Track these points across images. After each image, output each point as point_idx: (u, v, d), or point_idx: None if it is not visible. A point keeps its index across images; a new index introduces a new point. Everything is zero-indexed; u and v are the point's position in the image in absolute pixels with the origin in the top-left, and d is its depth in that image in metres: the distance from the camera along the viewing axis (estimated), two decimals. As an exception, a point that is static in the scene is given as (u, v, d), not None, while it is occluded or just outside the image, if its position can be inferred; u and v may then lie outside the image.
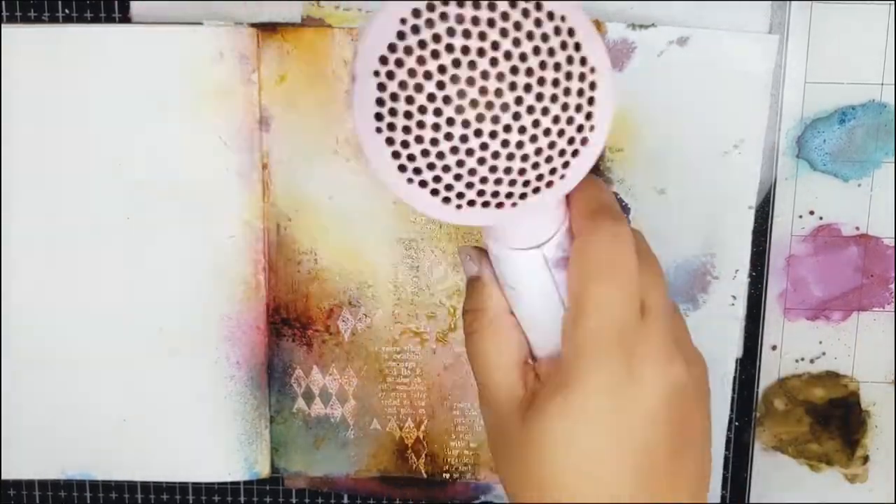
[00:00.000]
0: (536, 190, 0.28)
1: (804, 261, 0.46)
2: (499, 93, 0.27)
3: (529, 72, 0.26)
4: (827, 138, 0.45)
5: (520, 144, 0.27)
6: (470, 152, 0.27)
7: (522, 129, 0.27)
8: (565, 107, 0.27)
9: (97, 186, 0.45)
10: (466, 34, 0.26)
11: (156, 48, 0.43)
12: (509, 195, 0.28)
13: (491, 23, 0.26)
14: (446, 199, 0.28)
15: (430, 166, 0.27)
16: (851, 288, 0.46)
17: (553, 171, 0.28)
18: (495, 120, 0.27)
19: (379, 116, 0.27)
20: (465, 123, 0.27)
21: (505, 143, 0.27)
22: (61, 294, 0.46)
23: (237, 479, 0.48)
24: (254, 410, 0.47)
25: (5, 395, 0.47)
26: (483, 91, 0.26)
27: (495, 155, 0.27)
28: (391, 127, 0.27)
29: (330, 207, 0.45)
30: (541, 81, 0.27)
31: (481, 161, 0.27)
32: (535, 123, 0.27)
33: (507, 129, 0.27)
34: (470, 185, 0.28)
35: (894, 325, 0.47)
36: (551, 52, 0.26)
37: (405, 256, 0.45)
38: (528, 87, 0.27)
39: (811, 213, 0.46)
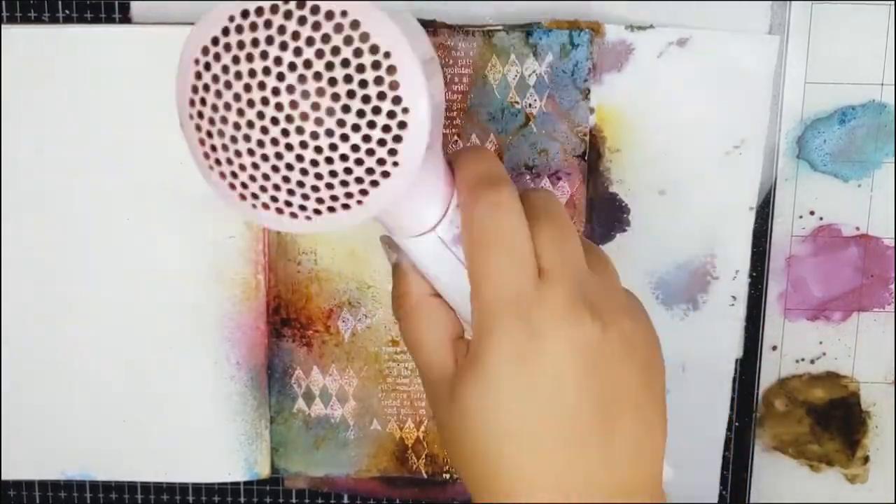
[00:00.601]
0: (364, 192, 0.29)
1: (804, 261, 0.46)
2: (294, 105, 0.27)
3: (317, 76, 0.27)
4: (827, 138, 0.45)
5: (318, 150, 0.28)
6: (265, 157, 0.28)
7: (324, 133, 0.27)
8: (366, 99, 0.27)
9: (97, 187, 0.45)
10: (283, 46, 0.27)
11: (156, 48, 0.43)
12: (319, 201, 0.29)
13: (306, 40, 0.26)
14: (254, 206, 0.29)
15: (231, 165, 0.29)
16: (851, 288, 0.46)
17: (371, 171, 0.28)
18: (300, 131, 0.27)
19: (192, 103, 0.28)
20: (264, 130, 0.27)
21: (300, 158, 0.28)
22: (61, 294, 0.46)
23: (237, 480, 0.48)
24: (254, 411, 0.47)
25: (5, 395, 0.47)
26: (279, 106, 0.27)
27: (290, 167, 0.28)
28: (200, 115, 0.28)
29: (330, 208, 0.45)
30: (350, 93, 0.27)
31: (275, 169, 0.28)
32: (340, 135, 0.27)
33: (303, 144, 0.28)
34: (275, 195, 0.29)
35: (894, 326, 0.47)
36: (360, 68, 0.27)
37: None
38: (320, 92, 0.27)
39: (811, 213, 0.46)
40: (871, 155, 0.45)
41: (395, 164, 0.28)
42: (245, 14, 0.27)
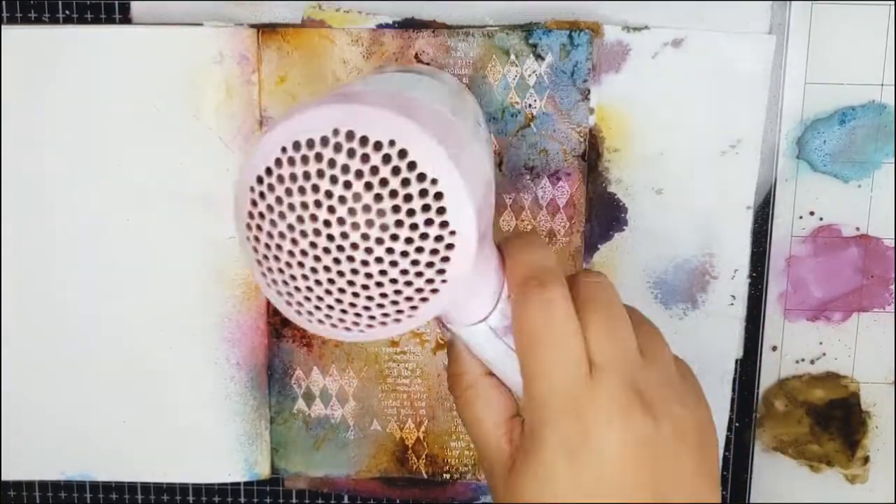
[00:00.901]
0: (414, 307, 0.29)
1: (804, 261, 0.46)
2: (344, 235, 0.27)
3: (366, 208, 0.27)
4: (827, 139, 0.45)
5: (368, 276, 0.28)
6: (318, 282, 0.28)
7: (374, 261, 0.28)
8: (413, 227, 0.27)
9: (97, 187, 0.45)
10: (333, 179, 0.27)
11: (156, 49, 0.43)
12: (371, 318, 0.29)
13: (355, 173, 0.27)
14: (309, 321, 0.30)
15: (287, 286, 0.29)
16: (852, 288, 0.46)
17: (420, 290, 0.29)
18: (351, 259, 0.28)
19: (249, 227, 0.28)
20: (317, 258, 0.28)
21: (351, 283, 0.28)
22: (61, 295, 0.46)
23: (237, 480, 0.48)
24: (254, 411, 0.47)
25: (5, 395, 0.47)
26: (330, 237, 0.27)
27: (342, 290, 0.28)
28: (257, 239, 0.28)
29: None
30: (398, 223, 0.27)
31: (328, 292, 0.29)
32: (389, 262, 0.28)
33: (354, 272, 0.28)
34: (329, 313, 0.29)
35: (894, 326, 0.46)
36: (407, 197, 0.27)
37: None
38: (369, 223, 0.27)
39: (811, 213, 0.46)
40: (871, 155, 0.45)
41: (444, 281, 0.28)
42: (296, 146, 0.27)
